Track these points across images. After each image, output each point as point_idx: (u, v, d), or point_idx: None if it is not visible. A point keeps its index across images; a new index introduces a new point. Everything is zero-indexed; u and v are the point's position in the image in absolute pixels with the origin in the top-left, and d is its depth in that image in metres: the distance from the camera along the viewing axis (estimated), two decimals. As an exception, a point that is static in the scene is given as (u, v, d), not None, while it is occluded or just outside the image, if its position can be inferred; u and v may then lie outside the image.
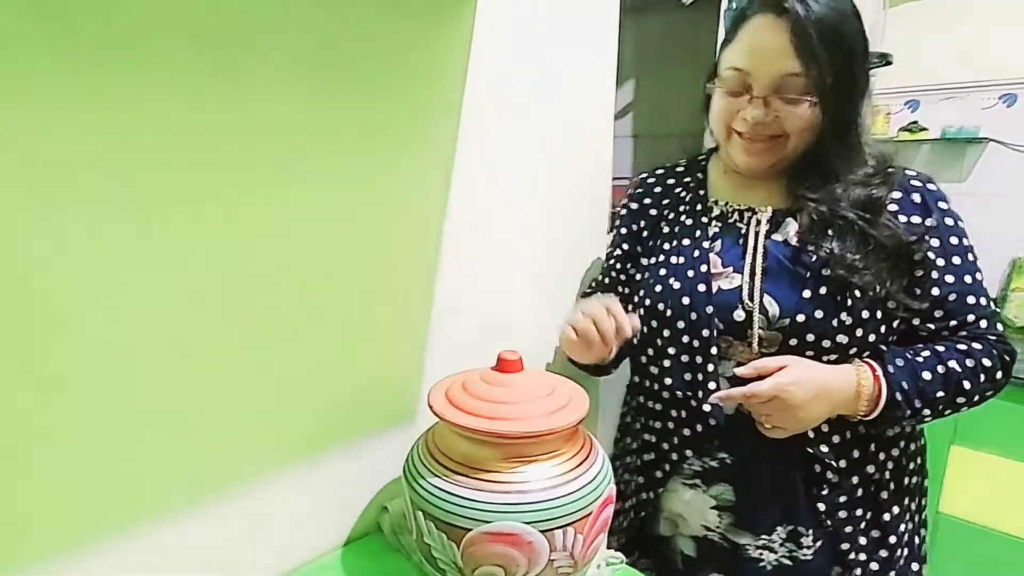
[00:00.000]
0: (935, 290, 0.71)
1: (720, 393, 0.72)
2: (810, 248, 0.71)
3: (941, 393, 0.69)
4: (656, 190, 0.88)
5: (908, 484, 0.79)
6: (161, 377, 0.54)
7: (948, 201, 0.74)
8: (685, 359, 0.76)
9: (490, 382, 0.62)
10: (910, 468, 0.79)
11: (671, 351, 0.77)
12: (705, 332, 0.74)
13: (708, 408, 0.75)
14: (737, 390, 0.70)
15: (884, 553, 0.77)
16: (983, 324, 0.72)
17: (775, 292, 0.72)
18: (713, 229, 0.79)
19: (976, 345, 0.71)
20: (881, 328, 0.71)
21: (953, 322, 0.72)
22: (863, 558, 0.76)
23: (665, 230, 0.84)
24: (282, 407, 0.64)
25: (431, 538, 0.58)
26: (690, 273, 0.77)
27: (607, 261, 0.93)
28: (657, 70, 2.35)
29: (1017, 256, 1.89)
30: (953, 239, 0.72)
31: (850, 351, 0.71)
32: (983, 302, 0.72)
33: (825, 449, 0.73)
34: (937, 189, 0.74)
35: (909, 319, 0.73)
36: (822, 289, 0.70)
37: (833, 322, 0.70)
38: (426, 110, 0.71)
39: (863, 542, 0.76)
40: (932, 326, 0.73)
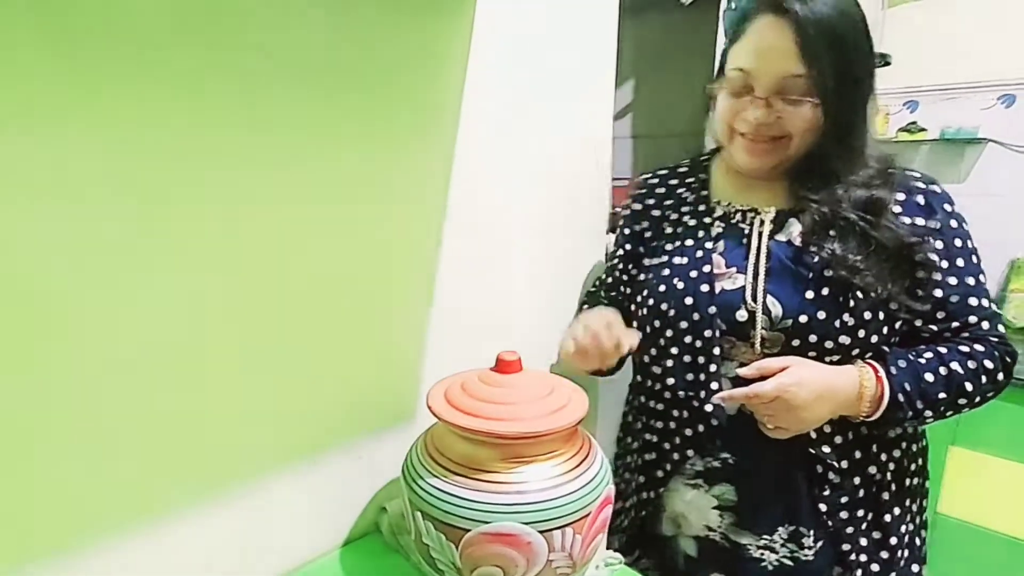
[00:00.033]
0: (938, 291, 0.71)
1: (723, 393, 0.73)
2: (812, 249, 0.72)
3: (943, 395, 0.69)
4: (659, 190, 0.88)
5: (909, 485, 0.79)
6: (161, 377, 0.54)
7: (953, 203, 0.74)
8: (687, 359, 0.76)
9: (489, 382, 0.62)
10: (911, 469, 0.79)
11: (674, 351, 0.77)
12: (708, 332, 0.74)
13: (710, 408, 0.75)
14: (740, 391, 0.70)
15: (885, 554, 0.77)
16: (985, 326, 0.72)
17: (778, 292, 0.72)
18: (716, 229, 0.79)
19: (978, 347, 0.71)
20: (883, 329, 0.71)
21: (956, 323, 0.72)
22: (864, 559, 0.76)
23: (668, 230, 0.84)
24: (282, 407, 0.64)
25: (430, 538, 0.58)
26: (693, 273, 0.77)
27: (610, 261, 0.93)
28: (656, 70, 2.35)
29: (1016, 257, 1.89)
30: (957, 241, 0.72)
31: (852, 352, 0.71)
32: (986, 304, 0.73)
33: (827, 450, 0.73)
34: (942, 191, 0.75)
35: (911, 320, 0.72)
36: (824, 290, 0.70)
37: (835, 323, 0.70)
38: (426, 110, 0.72)
39: (864, 543, 0.76)
40: (934, 327, 0.72)
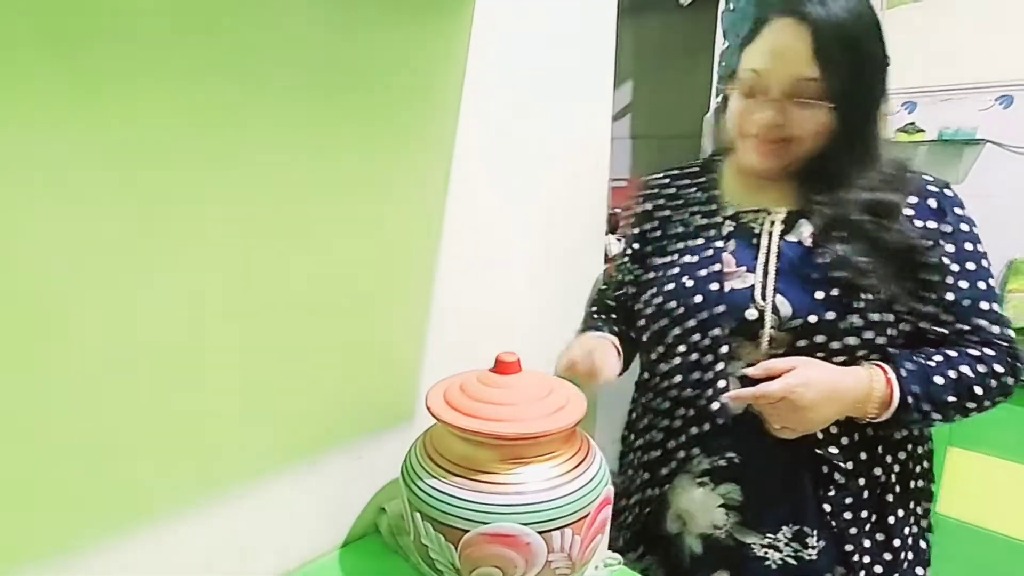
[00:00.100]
0: (949, 295, 0.72)
1: (730, 393, 0.73)
2: (820, 250, 0.72)
3: (952, 398, 0.70)
4: (668, 191, 0.88)
5: (914, 488, 0.79)
6: (161, 377, 0.54)
7: (964, 207, 0.75)
8: (695, 358, 0.76)
9: (488, 383, 0.62)
10: (916, 472, 0.79)
11: (681, 349, 0.77)
12: (716, 331, 0.74)
13: (716, 407, 0.75)
14: (747, 390, 0.70)
15: (888, 556, 0.77)
16: (995, 330, 0.72)
17: (787, 292, 0.72)
18: (727, 229, 0.80)
19: (988, 351, 0.71)
20: (891, 331, 0.71)
21: (965, 327, 0.72)
22: (867, 560, 0.76)
23: (679, 230, 0.84)
24: (281, 407, 0.64)
25: (428, 539, 0.58)
26: (703, 272, 0.77)
27: (622, 259, 0.93)
28: (655, 71, 2.36)
29: (1014, 257, 1.89)
30: (968, 245, 0.73)
31: (858, 353, 0.71)
32: (995, 308, 0.73)
33: (834, 450, 0.73)
34: (954, 195, 0.75)
35: (919, 322, 0.73)
36: (833, 291, 0.70)
37: (843, 324, 0.70)
38: (426, 110, 0.72)
39: (867, 544, 0.76)
40: (944, 330, 0.72)
